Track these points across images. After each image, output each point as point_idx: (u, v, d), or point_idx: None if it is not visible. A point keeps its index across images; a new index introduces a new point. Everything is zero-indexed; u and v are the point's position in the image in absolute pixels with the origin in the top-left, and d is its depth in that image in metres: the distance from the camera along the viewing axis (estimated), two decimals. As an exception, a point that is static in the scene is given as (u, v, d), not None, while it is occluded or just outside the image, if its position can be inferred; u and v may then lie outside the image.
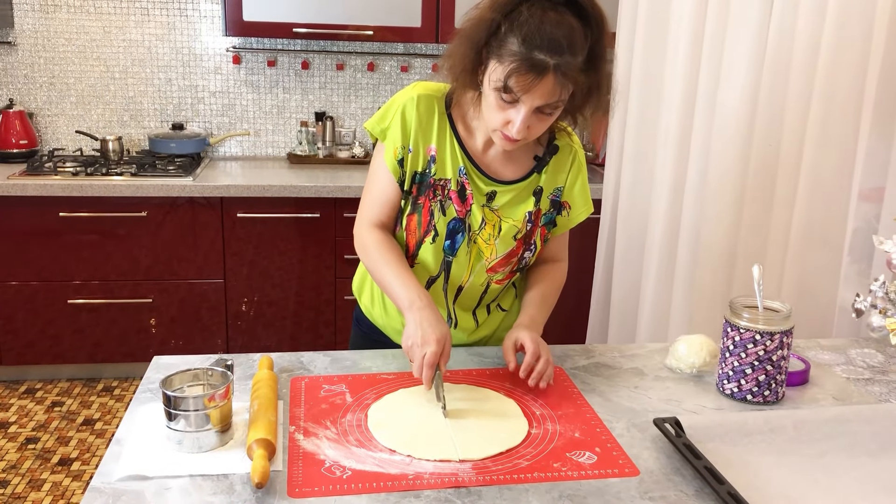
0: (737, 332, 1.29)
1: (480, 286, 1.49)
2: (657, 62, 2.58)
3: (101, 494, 1.01)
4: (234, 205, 2.95)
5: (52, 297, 2.99)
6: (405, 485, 1.05)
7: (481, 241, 1.44)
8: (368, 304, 1.61)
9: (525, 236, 1.46)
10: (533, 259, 1.51)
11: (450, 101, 1.42)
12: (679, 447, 1.12)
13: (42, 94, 3.34)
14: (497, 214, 1.44)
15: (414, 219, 1.43)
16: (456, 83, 1.34)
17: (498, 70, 1.23)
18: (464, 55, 1.27)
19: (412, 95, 1.39)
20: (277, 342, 3.14)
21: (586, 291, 3.11)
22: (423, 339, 1.26)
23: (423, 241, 1.44)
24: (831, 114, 2.08)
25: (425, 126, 1.40)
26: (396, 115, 1.39)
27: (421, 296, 1.32)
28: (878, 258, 2.00)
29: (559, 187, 1.48)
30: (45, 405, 2.99)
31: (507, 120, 1.27)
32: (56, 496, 2.43)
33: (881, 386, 1.42)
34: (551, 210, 1.49)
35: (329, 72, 3.48)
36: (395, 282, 1.36)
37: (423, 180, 1.42)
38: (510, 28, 1.21)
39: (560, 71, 1.20)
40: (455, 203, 1.42)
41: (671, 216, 2.56)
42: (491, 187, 1.43)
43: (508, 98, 1.24)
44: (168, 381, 1.14)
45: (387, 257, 1.39)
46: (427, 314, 1.29)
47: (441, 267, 1.46)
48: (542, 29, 1.19)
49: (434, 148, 1.40)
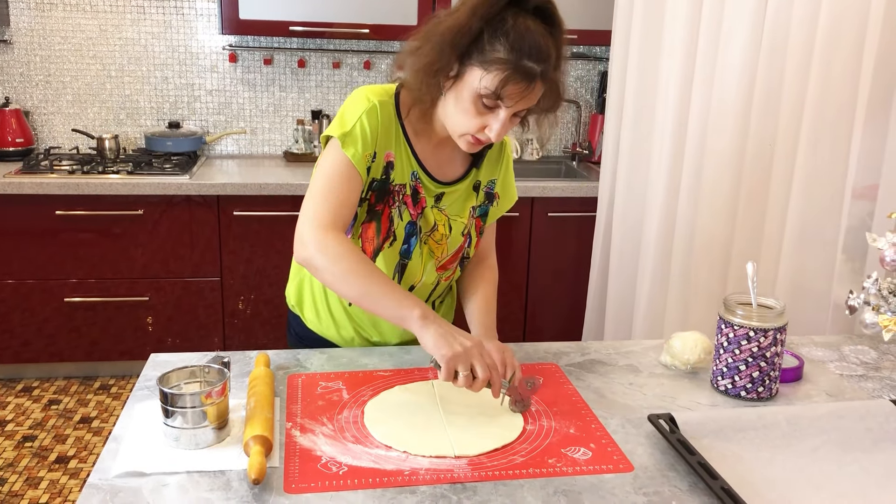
0: (731, 329, 1.30)
1: (431, 284, 1.50)
2: (652, 60, 2.58)
3: (99, 491, 1.02)
4: (230, 203, 2.95)
5: (49, 295, 2.99)
6: (401, 481, 1.05)
7: (432, 242, 1.45)
8: (313, 317, 1.55)
9: (467, 231, 1.49)
10: (471, 251, 1.53)
11: (397, 105, 1.39)
12: (673, 443, 1.12)
13: (38, 92, 3.34)
14: (445, 214, 1.46)
15: (372, 227, 1.41)
16: (422, 91, 1.30)
17: (487, 78, 1.22)
18: (437, 59, 1.26)
19: (373, 102, 1.35)
20: (274, 340, 3.14)
21: (582, 288, 3.12)
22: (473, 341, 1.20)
23: (382, 247, 1.42)
24: (825, 112, 2.09)
25: (386, 132, 1.37)
26: (363, 121, 1.33)
27: (426, 306, 1.26)
28: (872, 255, 2.01)
29: (493, 179, 1.52)
30: (41, 403, 2.99)
31: (484, 125, 1.28)
32: (53, 494, 2.43)
33: (874, 382, 1.43)
34: (485, 202, 1.52)
35: (325, 70, 3.48)
36: (392, 293, 1.26)
37: (383, 187, 1.39)
38: (494, 35, 1.22)
39: (544, 78, 1.23)
40: (409, 207, 1.42)
41: (666, 214, 2.57)
42: (439, 189, 1.44)
43: (491, 104, 1.25)
44: (165, 378, 1.14)
45: (371, 267, 1.29)
46: (444, 321, 1.25)
47: (395, 270, 1.45)
48: (528, 37, 1.21)
49: (392, 154, 1.39)
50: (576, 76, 3.62)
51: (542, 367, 1.43)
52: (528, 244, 3.16)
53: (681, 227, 2.52)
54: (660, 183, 2.57)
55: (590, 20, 3.18)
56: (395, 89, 1.40)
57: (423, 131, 1.41)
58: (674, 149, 2.51)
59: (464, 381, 1.19)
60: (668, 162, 2.53)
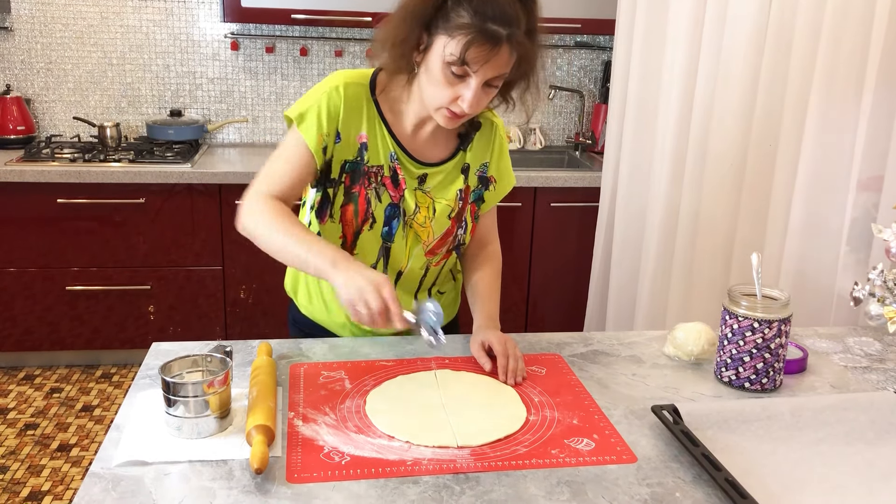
0: (735, 320, 1.29)
1: (420, 270, 1.49)
2: (656, 49, 2.57)
3: (101, 480, 1.02)
4: (232, 192, 2.95)
5: (51, 283, 2.99)
6: (403, 470, 1.05)
7: (416, 225, 1.45)
8: (306, 302, 1.57)
9: (457, 214, 1.48)
10: (467, 237, 1.52)
11: (373, 88, 1.39)
12: (677, 434, 1.12)
13: (39, 79, 3.33)
14: (429, 196, 1.45)
15: (350, 209, 1.41)
16: (393, 64, 1.32)
17: (451, 44, 1.22)
18: (406, 33, 1.26)
19: (336, 84, 1.36)
20: (275, 329, 3.14)
21: (584, 279, 3.11)
22: (372, 281, 1.19)
23: (362, 229, 1.42)
24: (831, 102, 2.08)
25: (354, 113, 1.37)
26: (321, 102, 1.35)
27: (344, 254, 1.26)
28: (877, 247, 2.00)
29: (485, 163, 1.51)
30: (43, 391, 2.99)
31: (456, 95, 1.27)
32: (55, 482, 2.44)
33: (878, 374, 1.43)
34: (479, 186, 1.51)
35: (328, 58, 3.46)
36: (310, 245, 1.27)
37: (357, 168, 1.40)
38: (457, 2, 1.22)
39: (513, 41, 1.23)
40: (389, 189, 1.41)
41: (669, 204, 2.56)
42: (421, 170, 1.43)
43: (459, 72, 1.25)
44: (167, 367, 1.14)
45: (292, 223, 1.30)
46: (356, 265, 1.23)
47: (380, 253, 1.45)
48: (492, 1, 1.21)
49: (365, 135, 1.39)
50: (579, 65, 3.61)
51: (544, 357, 1.42)
52: (530, 234, 3.15)
53: (684, 217, 2.51)
54: (663, 173, 2.56)
55: (594, 9, 3.17)
56: (372, 72, 1.40)
57: (402, 112, 1.41)
58: (677, 139, 2.50)
59: (360, 317, 1.19)
60: (671, 152, 2.52)
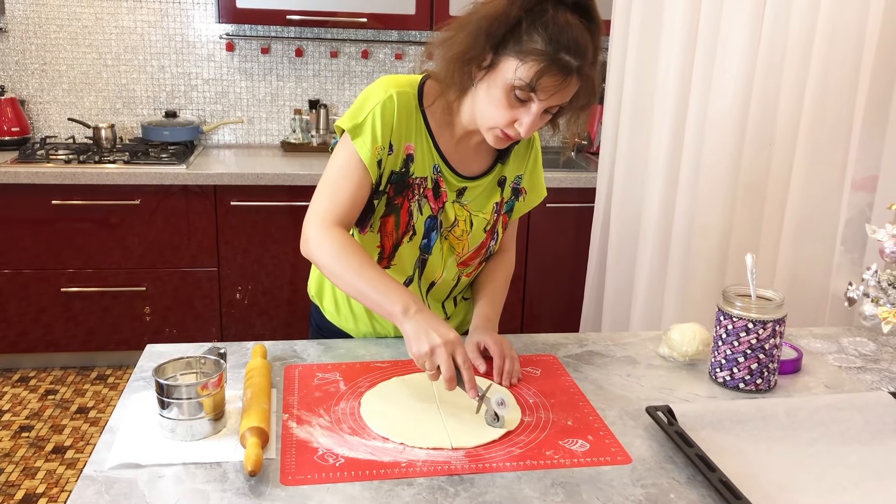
0: (729, 321, 1.29)
1: (452, 280, 1.49)
2: (651, 51, 2.57)
3: (94, 482, 1.01)
4: (227, 193, 2.94)
5: (45, 285, 2.98)
6: (398, 472, 1.05)
7: (453, 238, 1.43)
8: (332, 310, 1.55)
9: (492, 227, 1.46)
10: (496, 247, 1.51)
11: (419, 96, 1.35)
12: (671, 435, 1.12)
13: (34, 81, 3.32)
14: (467, 210, 1.43)
15: (391, 220, 1.38)
16: (450, 78, 1.27)
17: (522, 69, 1.19)
18: (471, 47, 1.22)
19: (390, 92, 1.31)
20: (271, 330, 3.14)
21: (580, 280, 3.12)
22: (444, 338, 1.17)
23: (402, 241, 1.40)
24: (825, 103, 2.08)
25: (404, 123, 1.33)
26: (375, 112, 1.30)
27: (415, 299, 1.24)
28: (871, 247, 2.00)
29: (520, 175, 1.49)
30: (38, 393, 2.99)
31: (514, 118, 1.25)
32: (50, 484, 2.43)
33: (873, 374, 1.43)
34: (511, 197, 1.49)
35: (323, 59, 3.46)
36: (380, 287, 1.25)
37: (402, 180, 1.36)
38: (532, 26, 1.18)
39: (582, 72, 1.20)
40: (430, 201, 1.39)
41: (665, 205, 2.57)
42: (462, 183, 1.41)
43: (524, 96, 1.22)
44: (161, 369, 1.14)
45: (362, 261, 1.28)
46: (428, 316, 1.21)
47: (416, 265, 1.44)
48: (567, 30, 1.18)
49: (412, 146, 1.35)
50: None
51: (539, 358, 1.42)
52: (525, 235, 3.16)
53: (679, 218, 2.51)
54: (658, 174, 2.56)
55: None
56: (419, 80, 1.36)
57: (448, 124, 1.37)
58: (672, 140, 2.50)
59: (429, 377, 1.19)
60: (666, 153, 2.52)
